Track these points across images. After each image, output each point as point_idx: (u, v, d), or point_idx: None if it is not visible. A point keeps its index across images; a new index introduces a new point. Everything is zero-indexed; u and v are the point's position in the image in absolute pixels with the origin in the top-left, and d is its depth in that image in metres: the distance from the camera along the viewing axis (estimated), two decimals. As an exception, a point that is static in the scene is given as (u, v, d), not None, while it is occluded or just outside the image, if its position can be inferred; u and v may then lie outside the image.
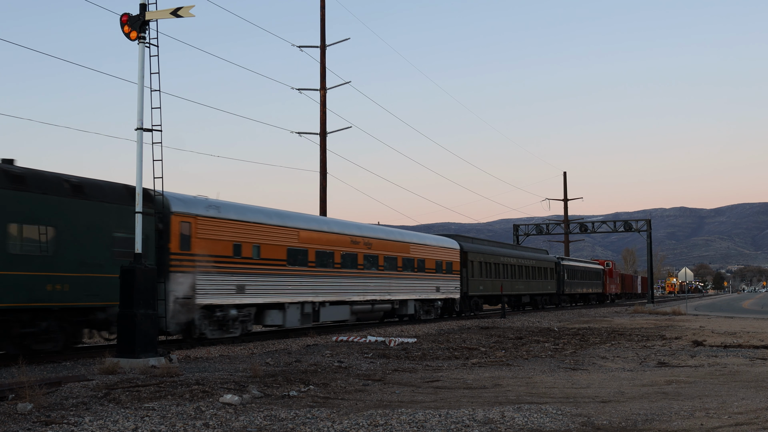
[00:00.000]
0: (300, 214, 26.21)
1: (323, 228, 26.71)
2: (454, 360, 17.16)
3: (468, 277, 39.53)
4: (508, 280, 46.16)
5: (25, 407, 9.35)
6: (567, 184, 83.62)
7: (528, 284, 50.25)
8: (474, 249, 41.52)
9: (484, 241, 46.67)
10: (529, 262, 50.90)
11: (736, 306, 66.67)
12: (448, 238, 38.85)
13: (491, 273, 43.39)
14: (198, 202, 20.96)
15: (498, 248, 46.87)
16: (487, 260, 42.74)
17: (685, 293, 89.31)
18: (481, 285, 41.49)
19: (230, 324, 21.65)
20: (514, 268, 47.68)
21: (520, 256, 49.39)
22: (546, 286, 54.43)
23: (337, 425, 8.58)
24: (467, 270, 39.42)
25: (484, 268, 42.27)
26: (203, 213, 20.72)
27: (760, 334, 24.86)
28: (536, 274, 52.32)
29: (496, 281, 44.10)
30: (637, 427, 8.61)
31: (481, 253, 42.35)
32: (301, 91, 39.41)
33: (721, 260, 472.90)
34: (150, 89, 15.76)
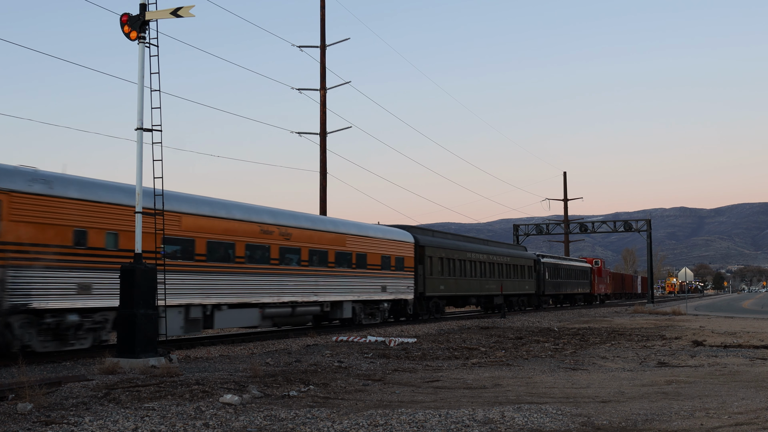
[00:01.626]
0: (183, 194, 20.88)
1: (219, 213, 21.69)
2: (454, 360, 17.16)
3: (425, 275, 34.68)
4: (476, 279, 41.36)
5: (25, 407, 9.35)
6: (567, 184, 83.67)
7: (501, 284, 45.15)
8: (433, 243, 36.47)
9: (449, 235, 41.22)
10: (503, 259, 45.88)
11: (736, 306, 66.66)
12: (399, 230, 33.59)
13: (455, 271, 38.36)
14: (16, 173, 16.23)
15: (464, 243, 41.58)
16: (449, 256, 37.69)
17: (685, 293, 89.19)
18: (442, 284, 36.54)
19: (71, 334, 17.16)
20: (484, 266, 42.69)
21: (491, 252, 44.29)
22: (523, 285, 49.53)
23: (337, 425, 8.58)
24: (424, 267, 34.72)
25: (447, 265, 37.32)
26: (24, 189, 16.06)
27: (760, 334, 24.86)
28: (511, 272, 47.18)
29: (461, 280, 39.19)
30: (637, 427, 8.61)
31: (442, 247, 37.18)
32: (301, 91, 39.44)
33: (721, 260, 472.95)
34: (150, 89, 15.76)
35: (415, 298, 33.68)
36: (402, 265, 32.30)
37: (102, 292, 17.59)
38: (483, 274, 42.38)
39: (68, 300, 16.85)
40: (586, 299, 69.04)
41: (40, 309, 16.23)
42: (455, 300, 40.18)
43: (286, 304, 24.53)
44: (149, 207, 16.49)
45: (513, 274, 47.51)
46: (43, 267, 16.30)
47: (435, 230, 39.31)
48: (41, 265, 16.26)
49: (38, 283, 16.18)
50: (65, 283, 16.82)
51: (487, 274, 43.04)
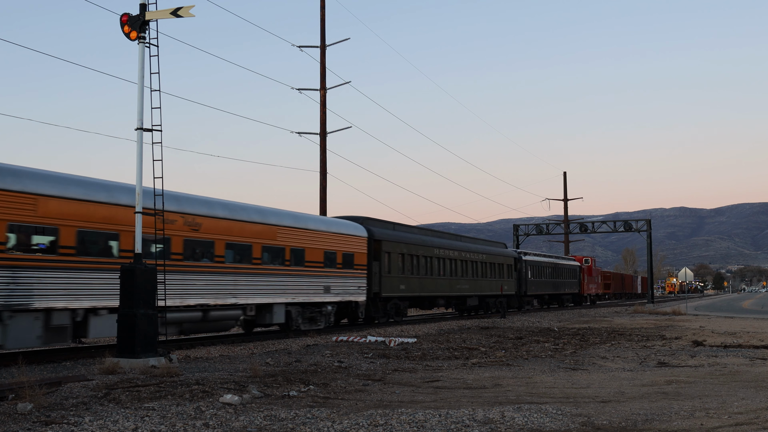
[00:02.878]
0: (44, 171, 17.02)
1: (97, 197, 17.67)
2: (454, 360, 17.16)
3: (382, 274, 30.59)
4: (445, 278, 37.22)
5: (25, 407, 9.35)
6: (567, 184, 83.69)
7: (476, 284, 41.18)
8: (392, 237, 32.09)
9: (414, 229, 36.70)
10: (478, 257, 41.77)
11: (736, 306, 66.66)
12: (349, 222, 29.36)
13: (420, 269, 34.31)
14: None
15: (431, 238, 37.37)
16: (413, 252, 33.69)
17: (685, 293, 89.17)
18: (403, 284, 32.41)
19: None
20: (456, 264, 38.62)
21: (464, 249, 40.23)
22: (501, 286, 45.59)
23: (337, 425, 8.58)
24: (381, 264, 30.56)
25: (408, 262, 33.26)
26: None
27: (760, 334, 24.86)
28: (488, 271, 43.21)
29: (427, 279, 35.08)
30: (637, 427, 8.61)
31: (404, 242, 33.04)
32: (301, 91, 39.45)
33: (721, 260, 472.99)
34: (150, 89, 15.77)
35: (368, 299, 29.62)
36: (351, 263, 28.12)
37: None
38: (454, 273, 38.33)
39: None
40: (575, 300, 65.33)
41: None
42: (420, 301, 36.29)
43: (194, 308, 20.30)
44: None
45: (490, 273, 43.64)
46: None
47: (397, 223, 34.27)
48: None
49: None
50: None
51: (459, 273, 39.02)
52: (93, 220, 17.46)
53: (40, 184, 16.30)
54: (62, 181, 17.05)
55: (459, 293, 39.08)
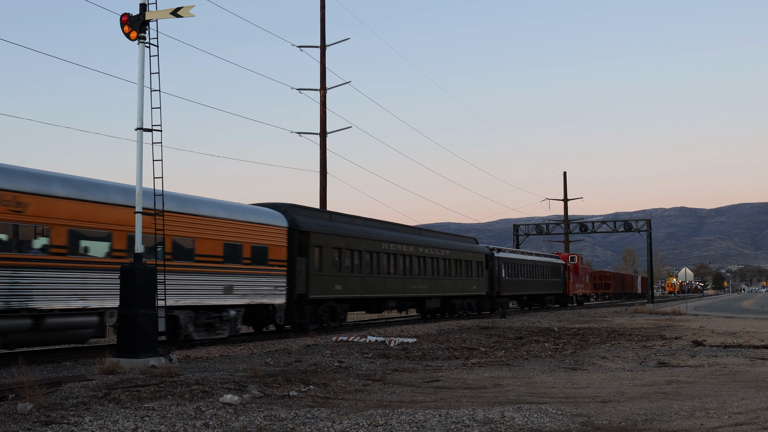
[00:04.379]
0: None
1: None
2: (454, 360, 17.17)
3: (310, 272, 25.79)
4: (397, 277, 32.45)
5: (25, 407, 9.35)
6: (567, 184, 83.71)
7: (437, 283, 36.43)
8: (325, 229, 27.35)
9: (358, 219, 31.53)
10: (440, 253, 36.88)
11: (736, 306, 66.67)
12: (263, 209, 24.54)
13: (363, 266, 29.67)
14: None
15: (378, 230, 32.07)
16: (353, 247, 28.97)
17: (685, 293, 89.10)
18: (340, 283, 27.73)
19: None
20: (411, 260, 33.85)
21: (421, 244, 35.24)
22: (469, 285, 40.70)
23: (337, 425, 8.58)
24: (309, 260, 25.81)
25: (348, 258, 28.64)
26: None
27: (760, 334, 24.87)
28: (453, 269, 38.49)
29: (372, 279, 30.41)
30: (637, 427, 8.61)
31: (341, 235, 28.27)
32: (301, 91, 39.47)
33: (721, 260, 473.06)
34: (150, 89, 15.78)
35: (290, 302, 24.82)
36: (265, 258, 23.38)
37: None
38: (408, 271, 33.55)
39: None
40: (558, 301, 60.71)
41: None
42: (365, 304, 31.57)
43: (20, 313, 15.69)
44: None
45: (455, 271, 38.84)
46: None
47: (335, 213, 30.00)
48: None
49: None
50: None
51: (415, 271, 34.21)
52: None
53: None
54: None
55: (415, 294, 34.19)
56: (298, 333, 25.20)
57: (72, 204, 16.94)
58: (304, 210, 27.34)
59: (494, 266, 44.90)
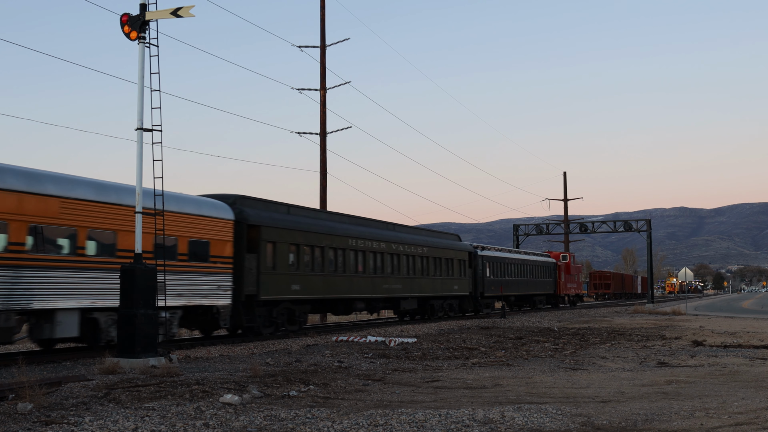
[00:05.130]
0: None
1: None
2: (454, 360, 17.17)
3: (261, 270, 23.25)
4: (366, 276, 29.96)
5: (25, 407, 9.35)
6: (567, 184, 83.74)
7: (413, 283, 33.77)
8: (280, 223, 24.69)
9: (321, 213, 29.20)
10: (416, 250, 34.34)
11: (736, 306, 66.70)
12: (203, 199, 22.03)
13: (326, 264, 27.14)
14: None
15: (344, 225, 29.63)
16: (314, 243, 26.49)
17: (685, 293, 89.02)
18: (298, 283, 25.18)
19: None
20: (383, 258, 31.34)
21: (395, 240, 32.70)
22: (450, 285, 38.00)
23: (337, 425, 8.59)
24: (261, 257, 23.30)
25: (308, 255, 26.18)
26: None
27: (760, 334, 24.87)
28: (431, 268, 35.94)
29: (337, 278, 27.90)
30: (637, 427, 8.62)
31: (299, 230, 25.67)
32: (301, 91, 39.48)
33: (721, 260, 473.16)
34: (150, 89, 15.79)
35: (237, 303, 22.37)
36: (206, 254, 20.99)
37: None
38: (380, 270, 31.11)
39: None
40: (551, 301, 58.27)
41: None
42: (329, 305, 28.96)
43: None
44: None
45: (434, 270, 36.31)
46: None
47: (294, 206, 27.05)
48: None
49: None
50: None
51: (388, 270, 31.73)
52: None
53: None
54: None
55: (387, 294, 31.60)
56: (250, 337, 23.05)
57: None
58: (255, 202, 24.59)
59: (478, 265, 42.46)
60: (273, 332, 24.26)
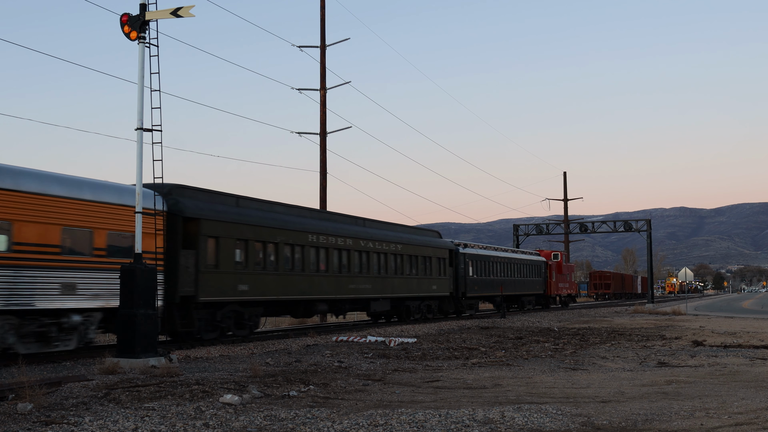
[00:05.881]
0: None
1: None
2: (454, 360, 17.17)
3: (200, 268, 20.75)
4: (329, 275, 27.38)
5: (25, 407, 9.36)
6: (567, 184, 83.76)
7: (384, 282, 31.35)
8: (223, 216, 21.99)
9: (277, 206, 26.00)
10: (389, 248, 31.87)
11: (736, 306, 66.70)
12: (128, 186, 19.13)
13: (281, 262, 24.56)
14: None
15: (302, 219, 26.85)
16: (264, 238, 23.84)
17: (685, 293, 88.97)
18: (246, 282, 22.76)
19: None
20: (350, 255, 28.86)
21: (364, 236, 30.14)
22: (427, 285, 35.51)
23: (337, 425, 8.59)
24: (199, 254, 20.76)
25: (257, 252, 23.59)
26: None
27: (760, 334, 24.88)
28: (407, 266, 33.47)
29: (295, 277, 25.33)
30: (637, 427, 8.62)
31: (247, 224, 23.07)
32: (301, 91, 39.49)
33: (721, 260, 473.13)
34: (150, 89, 15.79)
35: (170, 305, 20.02)
36: (129, 249, 18.26)
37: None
38: (346, 268, 28.63)
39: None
40: (539, 302, 55.77)
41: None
42: (288, 307, 26.40)
43: None
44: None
45: (409, 268, 33.79)
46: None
47: (243, 197, 24.23)
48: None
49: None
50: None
51: (355, 268, 29.36)
52: None
53: None
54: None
55: (355, 295, 29.10)
56: (182, 343, 20.86)
57: None
58: (196, 192, 21.75)
59: (460, 263, 39.83)
60: (217, 338, 22.03)
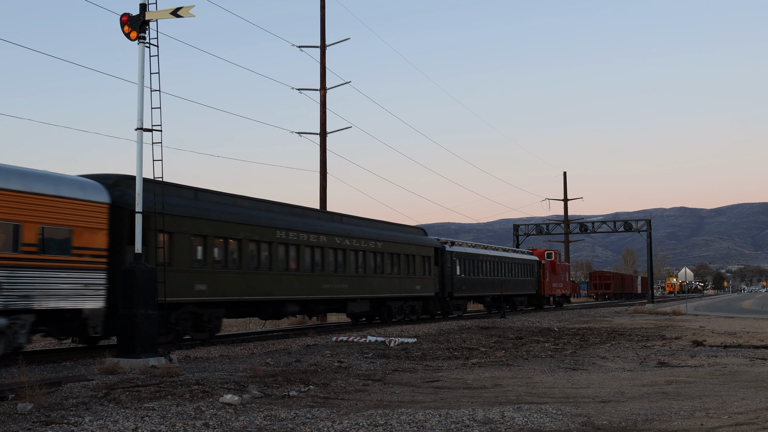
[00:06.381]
0: None
1: None
2: (454, 360, 17.18)
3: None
4: (300, 274, 25.50)
5: (25, 407, 9.36)
6: (567, 184, 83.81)
7: (362, 282, 29.48)
8: (177, 209, 20.17)
9: (241, 200, 23.95)
10: (366, 245, 29.92)
11: (736, 306, 66.71)
12: (66, 176, 17.73)
13: (245, 260, 22.72)
14: None
15: (271, 214, 24.85)
16: (225, 234, 21.96)
17: (685, 293, 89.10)
18: (203, 282, 20.87)
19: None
20: (324, 253, 26.98)
21: (339, 233, 28.23)
22: (410, 285, 33.58)
23: (337, 425, 8.59)
24: (151, 250, 18.59)
25: (217, 248, 21.76)
26: None
27: (760, 334, 24.88)
28: (388, 265, 31.65)
29: (261, 276, 23.43)
30: (637, 427, 8.62)
31: (205, 219, 21.20)
32: (301, 91, 39.50)
33: (721, 260, 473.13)
34: (150, 89, 15.79)
35: (114, 306, 17.41)
36: (67, 245, 16.82)
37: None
38: (319, 267, 26.74)
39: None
40: (532, 302, 53.88)
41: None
42: (255, 308, 24.53)
43: None
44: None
45: (390, 267, 31.98)
46: None
47: (203, 189, 22.27)
48: None
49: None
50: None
51: (330, 267, 27.38)
52: None
53: None
54: None
55: (329, 295, 27.22)
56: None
57: None
58: (146, 184, 18.32)
59: (446, 262, 37.79)
60: (172, 341, 20.07)
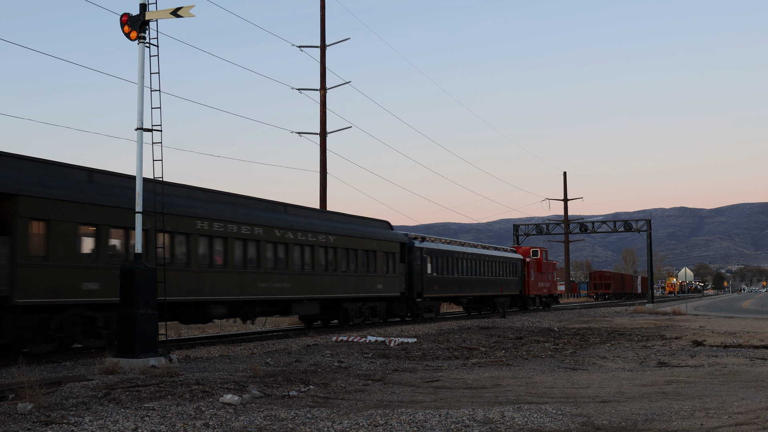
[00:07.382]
0: None
1: None
2: (454, 360, 17.18)
3: (17, 261, 15.90)
4: (229, 271, 22.27)
5: (25, 407, 9.36)
6: (567, 184, 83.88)
7: (311, 281, 26.51)
8: (59, 193, 16.96)
9: (155, 185, 17.58)
10: (317, 239, 26.94)
11: (736, 306, 66.72)
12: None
13: (151, 253, 18.65)
14: None
15: (192, 201, 21.41)
16: (126, 223, 18.14)
17: (685, 293, 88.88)
18: (94, 280, 17.63)
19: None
20: (261, 247, 23.82)
21: (281, 225, 25.09)
22: (371, 284, 30.58)
23: (337, 425, 8.59)
24: (18, 242, 15.95)
25: (115, 240, 18.72)
26: None
27: (760, 334, 24.88)
28: (343, 261, 28.74)
29: (169, 274, 17.96)
30: (637, 427, 8.62)
31: (97, 204, 17.84)
32: (301, 91, 39.51)
33: (721, 260, 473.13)
34: (150, 89, 15.79)
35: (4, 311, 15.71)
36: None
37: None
38: (254, 263, 23.66)
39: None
40: (515, 303, 50.76)
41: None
42: (173, 310, 20.43)
43: None
44: None
45: (346, 264, 29.09)
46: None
47: (99, 170, 18.69)
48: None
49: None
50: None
51: (269, 263, 24.42)
52: None
53: None
54: None
55: (267, 296, 24.12)
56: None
57: None
58: (19, 162, 16.33)
59: (415, 259, 34.58)
60: (54, 351, 17.17)
